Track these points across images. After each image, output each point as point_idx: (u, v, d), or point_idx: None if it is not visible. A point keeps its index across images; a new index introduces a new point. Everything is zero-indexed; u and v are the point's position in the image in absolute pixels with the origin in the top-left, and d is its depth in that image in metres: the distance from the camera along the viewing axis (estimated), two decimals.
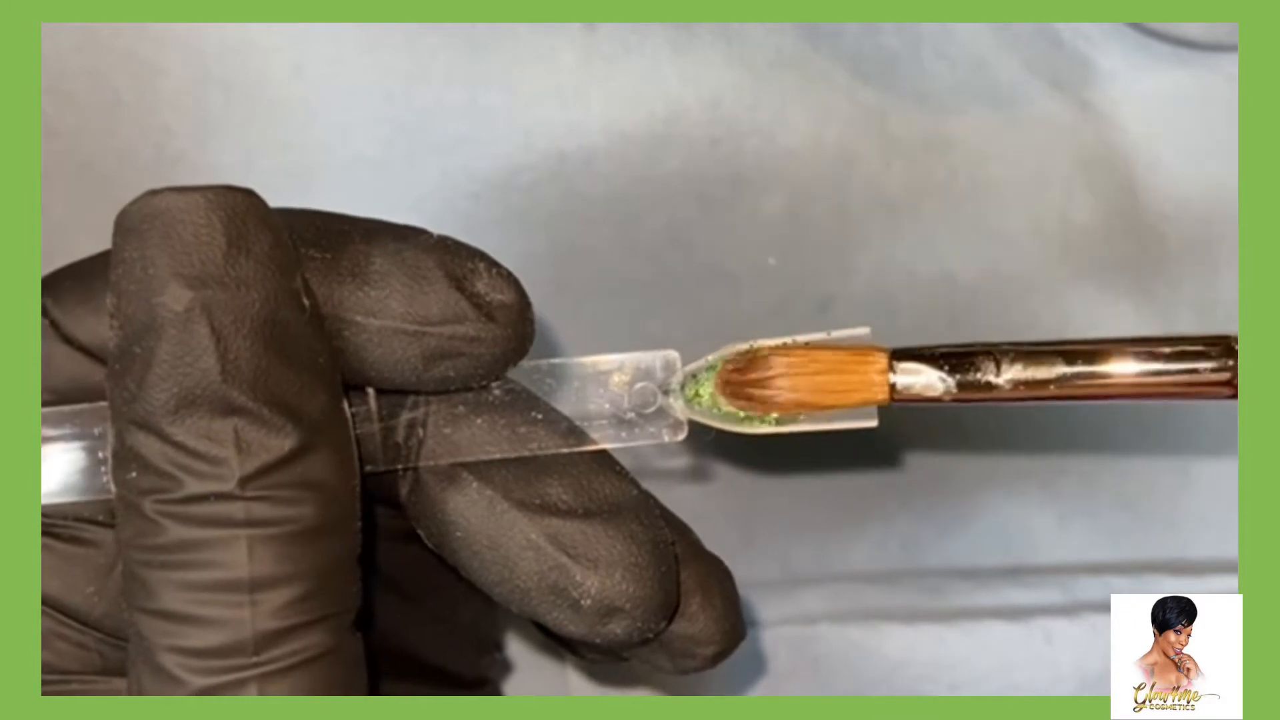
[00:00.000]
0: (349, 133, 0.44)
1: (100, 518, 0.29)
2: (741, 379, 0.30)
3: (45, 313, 0.29)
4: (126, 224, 0.26)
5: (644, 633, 0.30)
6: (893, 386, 0.30)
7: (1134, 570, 0.46)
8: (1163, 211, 0.45)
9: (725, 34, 0.44)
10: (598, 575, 0.29)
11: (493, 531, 0.30)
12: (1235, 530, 0.45)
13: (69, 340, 0.29)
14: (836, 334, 0.31)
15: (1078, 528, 0.47)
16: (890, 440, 0.47)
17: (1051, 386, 0.30)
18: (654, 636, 0.31)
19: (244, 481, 0.26)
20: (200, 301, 0.26)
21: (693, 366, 0.31)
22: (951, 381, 0.30)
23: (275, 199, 0.44)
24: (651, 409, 0.31)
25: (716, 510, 0.47)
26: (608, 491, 0.30)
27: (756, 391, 0.30)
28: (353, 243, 0.29)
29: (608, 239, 0.45)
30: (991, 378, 0.30)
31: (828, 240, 0.45)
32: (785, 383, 0.30)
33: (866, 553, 0.47)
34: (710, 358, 0.31)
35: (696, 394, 0.31)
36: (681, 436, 0.31)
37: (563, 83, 0.44)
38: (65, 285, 0.29)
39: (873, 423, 0.30)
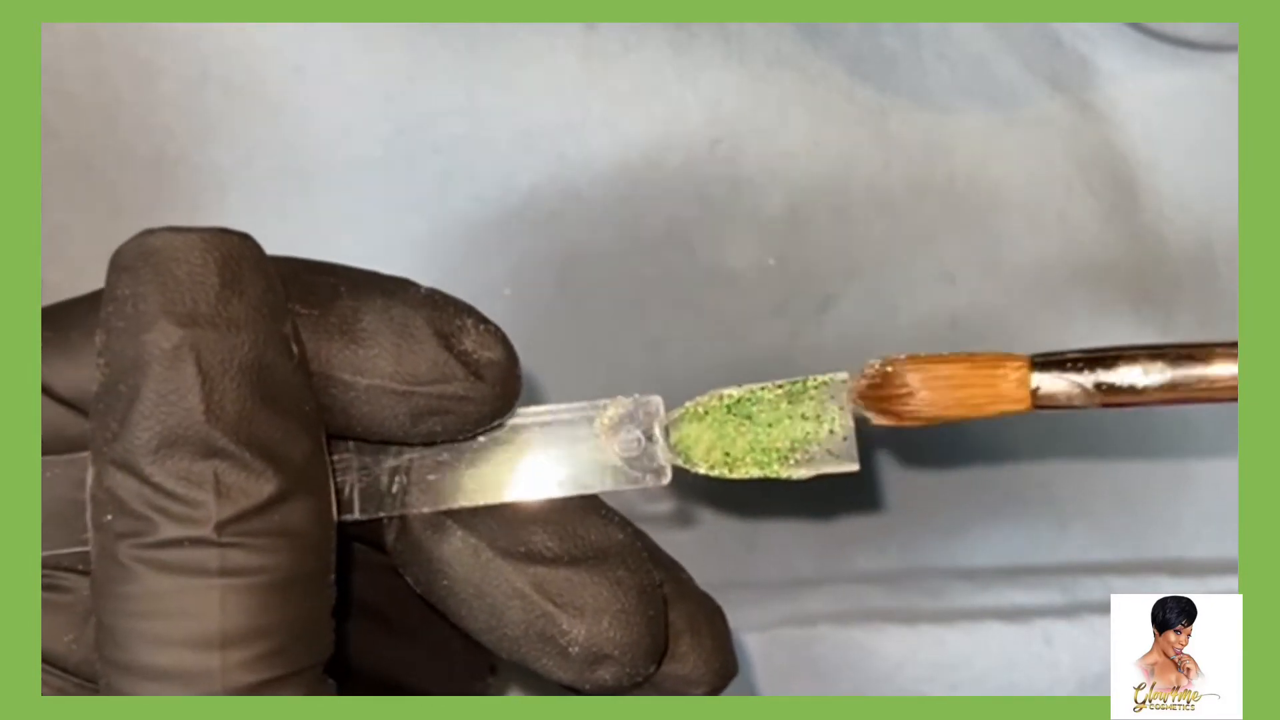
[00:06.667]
0: (349, 133, 0.44)
1: (79, 566, 0.29)
2: (882, 394, 0.30)
3: None
4: (121, 261, 0.26)
5: (633, 678, 0.30)
6: (1035, 392, 0.30)
7: (1134, 570, 0.46)
8: (1162, 211, 0.45)
9: (725, 34, 0.44)
10: (585, 623, 0.29)
11: (479, 580, 0.29)
12: (1235, 530, 0.45)
13: (47, 390, 0.28)
14: (817, 378, 0.31)
15: (1077, 528, 0.47)
16: (891, 443, 0.47)
17: (1191, 388, 0.30)
18: (643, 680, 0.30)
19: (220, 527, 0.25)
20: (189, 340, 0.25)
21: (677, 412, 0.31)
22: (1092, 386, 0.30)
23: (275, 199, 0.44)
24: (636, 454, 0.31)
25: (718, 512, 0.47)
26: (594, 537, 0.30)
27: (898, 407, 0.30)
28: (340, 298, 0.28)
29: (608, 239, 0.45)
30: (1135, 381, 0.30)
31: (828, 240, 0.45)
32: (927, 396, 0.30)
33: (867, 554, 0.47)
34: (690, 404, 0.31)
35: (681, 439, 0.31)
36: (665, 481, 0.31)
37: (563, 83, 0.44)
38: (44, 335, 0.29)
39: (854, 467, 0.31)
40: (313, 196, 0.44)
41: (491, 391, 0.29)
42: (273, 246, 0.29)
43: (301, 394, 0.27)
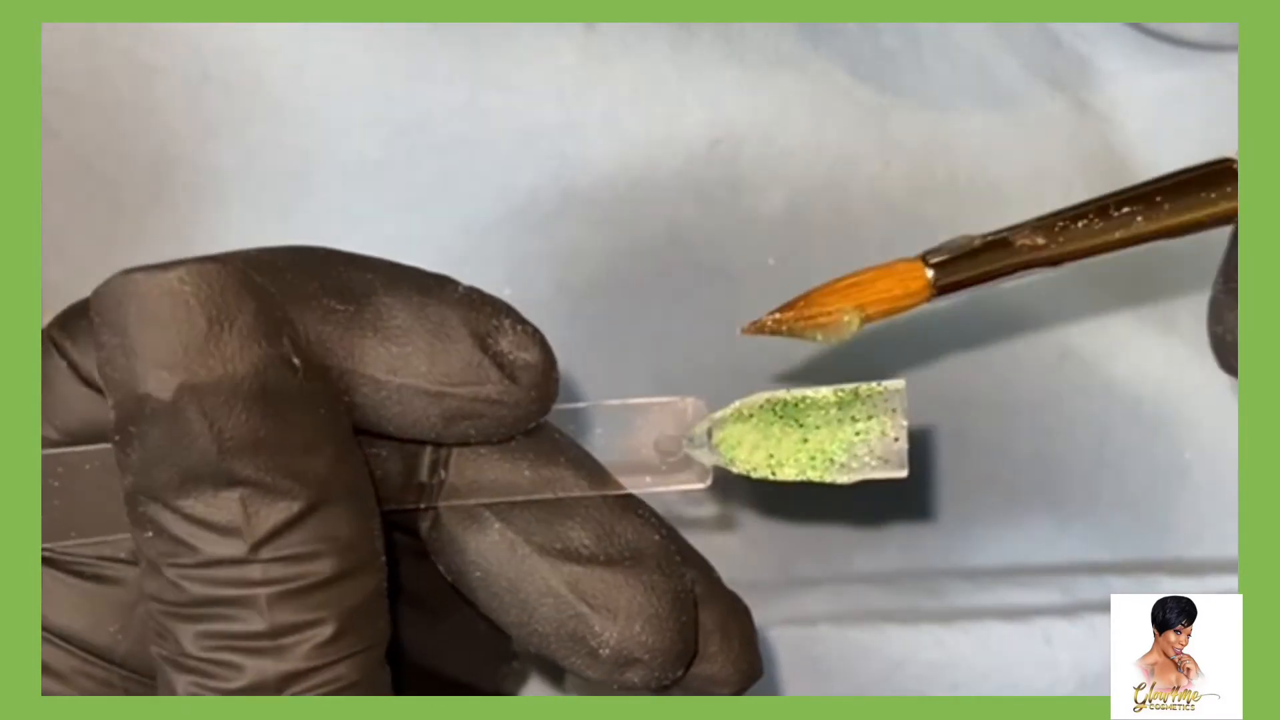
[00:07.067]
0: (349, 133, 0.44)
1: (122, 555, 0.29)
2: (793, 314, 0.31)
3: (63, 353, 0.28)
4: (102, 307, 0.26)
5: (661, 681, 0.30)
6: (932, 282, 0.31)
7: (1134, 570, 0.46)
8: None
9: (725, 34, 0.44)
10: (617, 626, 0.29)
11: (512, 575, 0.29)
12: (1235, 530, 0.45)
13: (86, 380, 0.28)
14: (871, 385, 0.31)
15: (1077, 528, 0.47)
16: None
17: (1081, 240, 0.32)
18: (671, 684, 0.30)
19: (255, 547, 0.25)
20: (186, 388, 0.25)
21: (721, 413, 0.31)
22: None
23: (275, 199, 0.44)
24: (676, 456, 0.31)
25: (717, 511, 0.47)
26: (630, 536, 0.30)
27: (810, 319, 0.31)
28: (376, 294, 0.28)
29: (608, 239, 0.45)
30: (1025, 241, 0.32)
31: (828, 240, 0.45)
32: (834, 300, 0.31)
33: (867, 554, 0.47)
34: (735, 404, 0.31)
35: (724, 439, 0.30)
36: (706, 484, 0.31)
37: (563, 83, 0.44)
38: (82, 325, 0.28)
39: (903, 473, 0.30)
40: (313, 196, 0.44)
41: (526, 395, 0.28)
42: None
43: (314, 401, 0.27)
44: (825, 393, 0.30)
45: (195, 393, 0.25)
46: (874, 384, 0.30)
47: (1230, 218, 0.32)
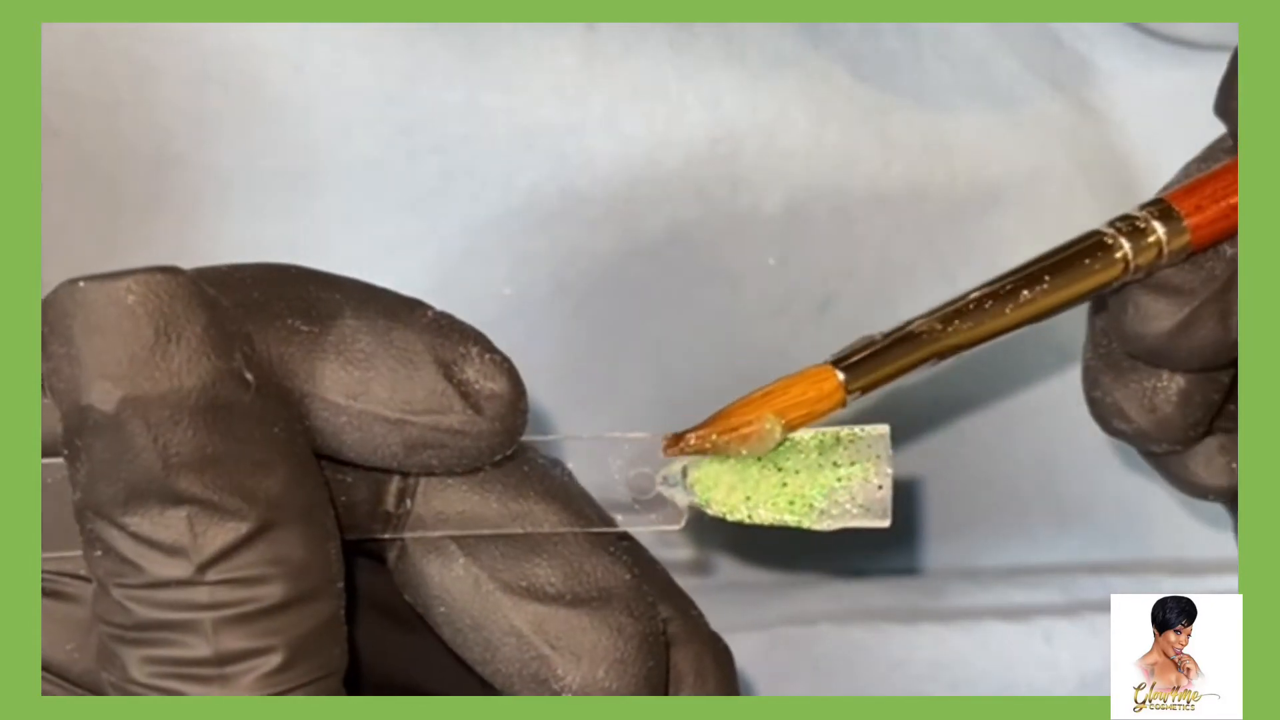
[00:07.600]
0: (349, 133, 0.44)
1: (80, 572, 0.28)
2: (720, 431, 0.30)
3: None
4: (49, 317, 0.25)
5: None
6: (844, 385, 0.30)
7: (1134, 570, 0.46)
8: None
9: (725, 34, 0.44)
10: (579, 670, 0.28)
11: (476, 613, 0.29)
12: (1235, 530, 0.45)
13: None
14: (853, 429, 0.30)
15: (1077, 528, 0.47)
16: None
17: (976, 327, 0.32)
18: None
19: (202, 568, 0.25)
20: (130, 400, 0.25)
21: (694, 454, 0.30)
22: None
23: (275, 199, 0.44)
24: (650, 495, 0.30)
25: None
26: (599, 575, 0.29)
27: (732, 435, 0.30)
28: (342, 316, 0.27)
29: (608, 239, 0.45)
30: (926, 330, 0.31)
31: (828, 240, 0.45)
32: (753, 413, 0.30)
33: (867, 554, 0.47)
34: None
35: (700, 479, 0.30)
36: (680, 525, 0.30)
37: (563, 83, 0.44)
38: None
39: (885, 523, 0.30)
40: (313, 196, 0.44)
41: (489, 427, 0.28)
42: (273, 246, 0.29)
43: (268, 419, 0.26)
44: (805, 435, 0.30)
45: (139, 405, 0.25)
46: (856, 428, 0.30)
47: (1109, 285, 0.33)
